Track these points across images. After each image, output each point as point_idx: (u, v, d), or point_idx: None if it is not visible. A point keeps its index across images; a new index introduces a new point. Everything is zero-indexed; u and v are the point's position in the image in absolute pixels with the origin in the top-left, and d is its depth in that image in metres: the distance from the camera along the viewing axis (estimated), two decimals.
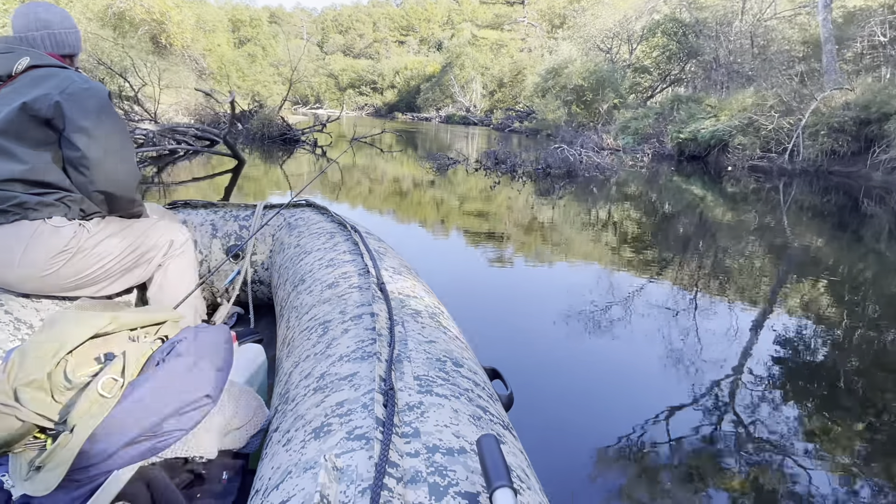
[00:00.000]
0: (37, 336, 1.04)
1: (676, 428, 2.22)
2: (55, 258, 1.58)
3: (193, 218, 2.48)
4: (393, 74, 47.72)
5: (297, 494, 0.79)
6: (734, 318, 3.39)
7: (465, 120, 33.43)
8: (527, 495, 0.85)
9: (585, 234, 5.82)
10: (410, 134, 23.04)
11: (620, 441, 2.12)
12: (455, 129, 27.94)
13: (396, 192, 8.58)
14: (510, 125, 26.74)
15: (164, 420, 0.91)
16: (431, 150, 14.17)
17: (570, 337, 3.04)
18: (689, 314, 3.45)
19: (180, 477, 1.03)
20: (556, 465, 1.95)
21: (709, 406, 2.39)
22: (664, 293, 3.83)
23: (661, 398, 2.43)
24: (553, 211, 7.10)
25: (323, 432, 0.93)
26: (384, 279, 1.63)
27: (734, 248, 5.27)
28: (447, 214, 6.68)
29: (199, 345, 1.00)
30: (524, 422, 1.75)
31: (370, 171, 10.78)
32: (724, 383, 2.59)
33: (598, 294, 3.76)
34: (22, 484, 0.86)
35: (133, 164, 1.73)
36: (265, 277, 2.48)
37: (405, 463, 0.81)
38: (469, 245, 5.18)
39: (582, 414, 2.29)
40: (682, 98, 16.65)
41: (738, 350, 2.95)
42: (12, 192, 1.52)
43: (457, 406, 1.01)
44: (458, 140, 20.65)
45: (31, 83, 1.56)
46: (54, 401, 0.97)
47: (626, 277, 4.18)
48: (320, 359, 1.24)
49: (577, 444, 2.09)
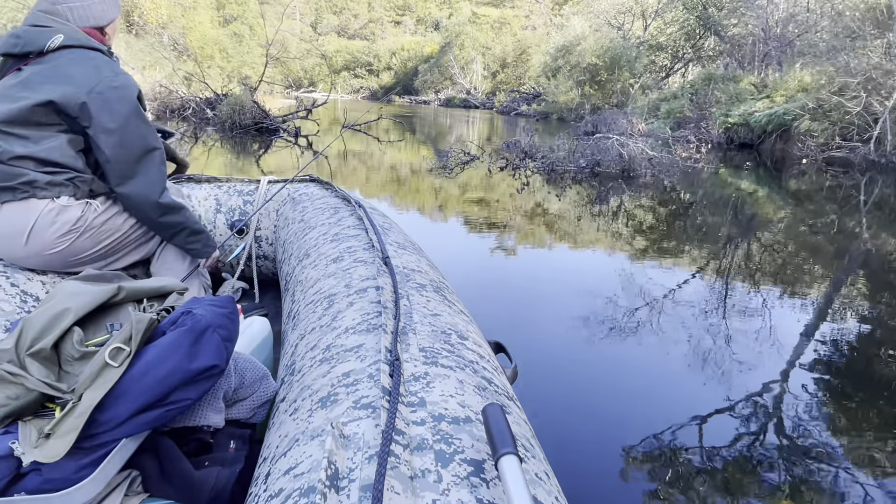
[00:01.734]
0: (43, 306, 1.04)
1: (686, 406, 2.23)
2: (63, 237, 1.58)
3: (197, 192, 2.47)
4: (389, 56, 46.01)
5: (305, 461, 0.80)
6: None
7: (466, 103, 32.26)
8: (531, 463, 0.85)
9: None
10: (408, 118, 21.07)
11: (633, 423, 2.13)
12: (455, 113, 26.33)
13: (402, 196, 6.71)
14: (516, 108, 25.60)
15: (171, 389, 0.91)
16: (436, 141, 13.04)
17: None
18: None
19: (188, 446, 1.04)
20: (559, 437, 1.97)
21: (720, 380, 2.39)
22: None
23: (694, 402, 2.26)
24: (653, 251, 4.54)
25: (329, 401, 0.94)
26: (389, 253, 1.63)
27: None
28: (473, 248, 4.52)
29: (205, 316, 1.00)
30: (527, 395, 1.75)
31: (364, 168, 8.98)
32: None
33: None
34: (32, 451, 0.87)
35: (158, 171, 1.69)
36: (269, 252, 2.48)
37: (411, 431, 0.82)
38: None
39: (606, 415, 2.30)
40: (715, 77, 14.91)
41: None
42: (23, 169, 1.51)
43: (462, 377, 1.02)
44: (458, 124, 19.11)
45: (62, 72, 1.52)
46: (62, 370, 0.98)
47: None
48: (326, 331, 1.25)
49: (584, 422, 2.11)
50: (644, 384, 2.40)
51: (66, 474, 0.87)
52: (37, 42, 1.53)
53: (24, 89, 1.51)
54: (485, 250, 4.39)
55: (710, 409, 2.21)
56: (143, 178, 1.64)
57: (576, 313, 3.11)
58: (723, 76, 14.84)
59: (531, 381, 2.23)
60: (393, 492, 0.68)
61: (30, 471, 0.88)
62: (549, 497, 0.79)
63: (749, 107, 12.40)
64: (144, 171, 1.64)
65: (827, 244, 4.93)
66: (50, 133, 1.53)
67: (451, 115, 25.31)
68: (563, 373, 2.45)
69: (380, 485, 0.67)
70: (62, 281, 1.09)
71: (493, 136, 15.10)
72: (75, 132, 1.57)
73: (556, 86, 21.58)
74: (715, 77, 14.82)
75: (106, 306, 1.06)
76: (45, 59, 1.54)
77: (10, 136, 1.50)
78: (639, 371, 2.51)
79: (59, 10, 1.59)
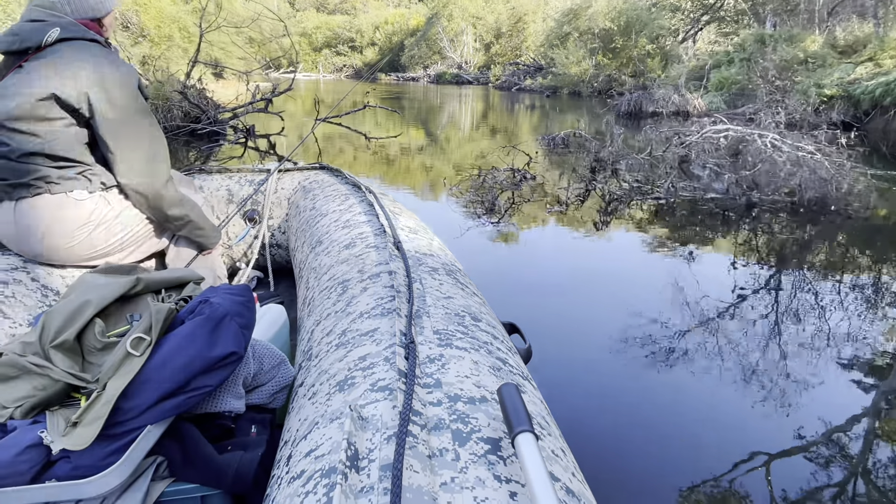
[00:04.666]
0: (65, 299, 1.06)
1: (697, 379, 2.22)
2: (78, 230, 1.60)
3: (209, 183, 2.49)
4: (372, 30, 42.43)
5: (325, 443, 0.81)
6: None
7: (458, 78, 29.70)
8: (547, 441, 0.86)
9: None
10: (396, 98, 18.24)
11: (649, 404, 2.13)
12: (450, 91, 23.50)
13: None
14: (518, 83, 22.84)
15: (192, 376, 0.93)
16: (446, 136, 10.08)
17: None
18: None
19: (211, 431, 1.06)
20: (574, 416, 1.98)
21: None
22: None
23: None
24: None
25: (347, 385, 0.95)
26: (400, 238, 1.64)
27: None
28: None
29: (222, 304, 1.02)
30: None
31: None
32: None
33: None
34: (60, 440, 0.89)
35: (161, 162, 1.70)
36: (282, 241, 2.50)
37: (428, 411, 0.83)
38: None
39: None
40: (764, 38, 12.08)
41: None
42: (34, 165, 1.53)
43: (476, 358, 1.03)
44: (460, 107, 16.70)
45: (61, 65, 1.53)
46: (85, 361, 1.00)
47: None
48: (341, 316, 1.26)
49: (603, 403, 2.11)
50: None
51: (94, 461, 0.89)
52: (34, 37, 1.54)
53: (26, 85, 1.52)
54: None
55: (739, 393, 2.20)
56: (147, 168, 1.65)
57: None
58: (777, 36, 12.00)
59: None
60: (412, 470, 0.70)
61: (59, 458, 0.90)
62: (565, 473, 0.80)
63: (843, 73, 9.50)
64: (148, 161, 1.65)
65: None
66: (56, 128, 1.55)
67: (446, 93, 22.18)
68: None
69: (399, 464, 0.68)
70: (81, 274, 1.11)
71: (511, 124, 12.31)
72: (80, 125, 1.58)
73: (565, 55, 19.00)
74: (763, 38, 12.05)
75: (125, 298, 1.09)
76: (43, 53, 1.55)
77: (17, 132, 1.52)
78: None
79: (56, 3, 1.59)
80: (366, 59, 41.40)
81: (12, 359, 0.95)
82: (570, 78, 18.81)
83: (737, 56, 12.40)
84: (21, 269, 1.60)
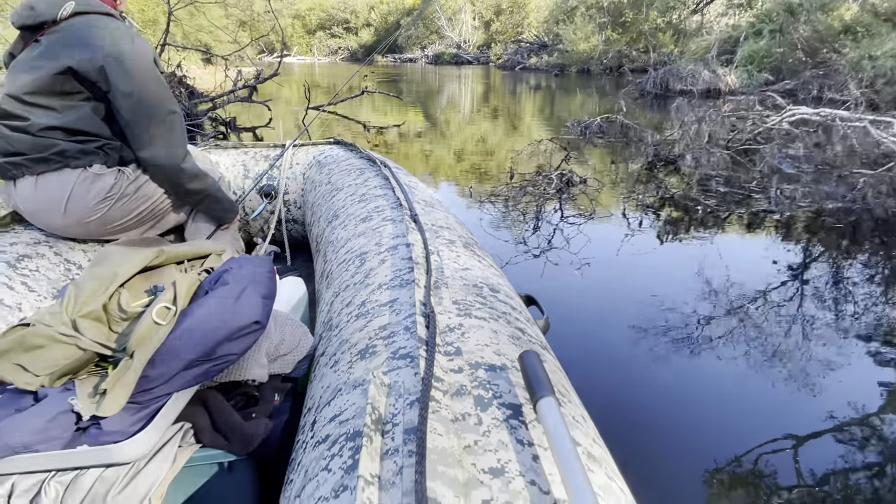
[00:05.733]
0: (89, 271, 1.08)
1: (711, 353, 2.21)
2: (99, 205, 1.62)
3: (224, 159, 2.50)
4: (367, 10, 40.64)
5: (349, 408, 0.83)
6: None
7: (457, 58, 28.46)
8: (568, 407, 0.87)
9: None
10: (394, 81, 16.77)
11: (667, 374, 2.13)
12: (447, 71, 22.05)
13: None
14: (522, 62, 21.79)
15: (217, 345, 0.95)
16: (455, 121, 8.83)
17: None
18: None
19: (236, 399, 1.08)
20: (592, 384, 1.99)
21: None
22: None
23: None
24: None
25: (368, 353, 0.96)
26: (417, 211, 1.64)
27: None
28: None
29: (244, 274, 1.03)
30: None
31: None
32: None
33: None
34: (90, 407, 0.91)
35: (179, 136, 1.70)
36: (298, 216, 2.51)
37: (449, 378, 0.84)
38: None
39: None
40: (792, 7, 10.74)
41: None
42: (53, 139, 1.55)
43: (496, 327, 1.03)
44: (461, 88, 15.43)
45: (77, 38, 1.54)
46: (111, 331, 1.02)
47: None
48: (360, 288, 1.27)
49: (622, 375, 2.12)
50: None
51: (123, 427, 0.92)
52: (50, 11, 1.54)
53: (43, 59, 1.53)
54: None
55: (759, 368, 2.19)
56: (164, 142, 1.65)
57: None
58: (809, 5, 10.63)
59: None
60: (436, 433, 0.71)
61: (89, 425, 0.93)
62: (586, 438, 0.81)
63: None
64: (165, 135, 1.65)
65: None
66: (74, 102, 1.56)
67: (447, 74, 20.89)
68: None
69: (423, 426, 0.70)
70: (104, 246, 1.12)
71: (525, 108, 10.89)
72: (97, 99, 1.58)
73: (573, 31, 18.09)
74: (792, 6, 10.72)
75: (149, 269, 1.10)
76: (59, 27, 1.56)
77: (36, 107, 1.53)
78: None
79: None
80: (361, 41, 39.99)
81: (41, 329, 0.97)
82: (578, 55, 17.91)
83: (764, 27, 11.34)
84: (44, 244, 1.62)
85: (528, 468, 0.68)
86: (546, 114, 10.00)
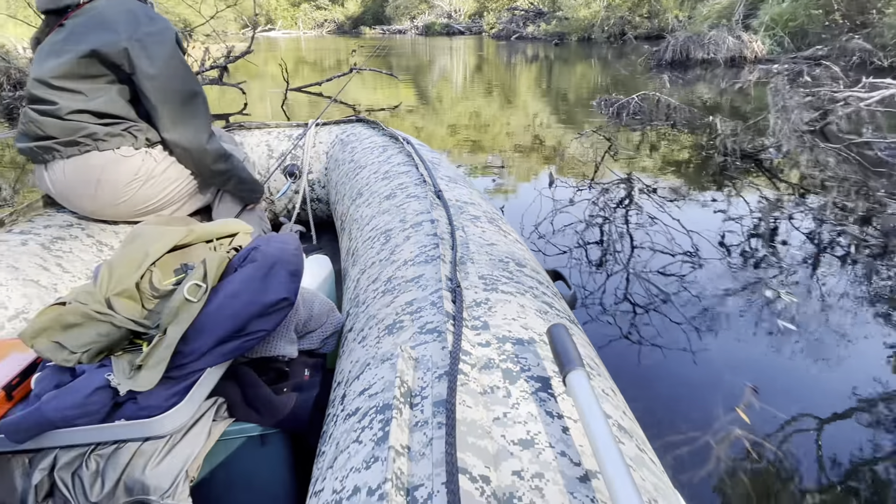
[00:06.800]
0: (121, 250, 1.10)
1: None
2: (127, 186, 1.64)
3: (249, 139, 2.52)
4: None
5: (378, 382, 0.84)
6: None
7: (449, 29, 26.97)
8: (597, 381, 0.87)
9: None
10: (384, 56, 15.47)
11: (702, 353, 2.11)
12: (440, 43, 20.69)
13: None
14: (518, 31, 20.52)
15: (247, 321, 0.96)
16: (472, 104, 7.64)
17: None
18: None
19: (267, 375, 1.10)
20: (620, 357, 1.99)
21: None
22: None
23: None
24: None
25: (396, 328, 0.97)
26: (441, 187, 1.63)
27: None
28: None
29: (272, 252, 1.04)
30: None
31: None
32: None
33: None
34: (126, 382, 0.94)
35: (203, 117, 1.71)
36: (322, 195, 2.52)
37: (477, 352, 0.84)
38: None
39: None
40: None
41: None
42: (81, 122, 1.57)
43: (523, 302, 1.03)
44: (446, 55, 14.65)
45: (100, 21, 1.55)
46: (144, 308, 1.04)
47: None
48: (385, 265, 1.28)
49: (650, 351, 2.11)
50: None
51: (159, 402, 0.94)
52: None
53: (68, 42, 1.54)
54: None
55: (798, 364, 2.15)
56: (189, 123, 1.67)
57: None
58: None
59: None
60: (465, 405, 0.71)
61: (126, 400, 0.95)
62: (616, 411, 0.81)
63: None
64: (190, 116, 1.67)
65: None
66: (100, 84, 1.57)
67: (440, 46, 19.44)
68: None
69: (452, 398, 0.70)
70: (135, 226, 1.14)
71: (536, 84, 9.86)
72: (123, 81, 1.60)
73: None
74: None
75: (179, 248, 1.12)
76: (83, 10, 1.57)
77: (63, 91, 1.55)
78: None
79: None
80: (348, 13, 38.17)
81: (77, 307, 0.99)
82: (578, 23, 16.68)
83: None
84: (76, 226, 1.66)
85: (557, 440, 0.68)
86: (557, 90, 9.02)
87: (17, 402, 0.98)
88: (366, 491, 0.65)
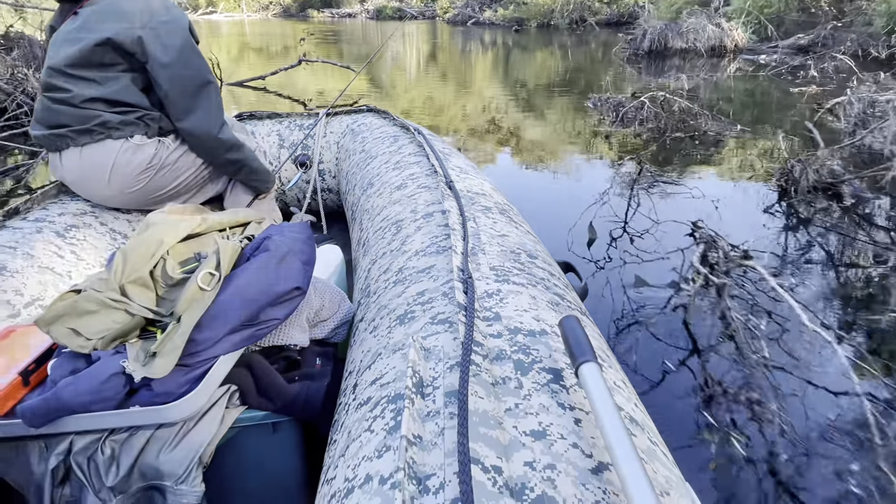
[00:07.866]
0: (135, 238, 1.11)
1: None
2: (141, 175, 1.65)
3: (260, 129, 2.52)
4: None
5: (389, 372, 0.84)
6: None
7: (400, 13, 25.93)
8: (609, 373, 0.87)
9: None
10: (334, 43, 14.33)
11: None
12: (390, 28, 19.42)
13: None
14: (474, 16, 19.65)
15: (260, 310, 0.97)
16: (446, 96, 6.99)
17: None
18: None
19: (279, 363, 1.11)
20: (631, 349, 1.98)
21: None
22: None
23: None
24: None
25: (407, 319, 0.97)
26: (452, 178, 1.63)
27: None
28: None
29: (284, 241, 1.05)
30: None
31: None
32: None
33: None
34: (141, 369, 0.95)
35: (215, 106, 1.72)
36: (333, 185, 2.53)
37: (489, 343, 0.84)
38: None
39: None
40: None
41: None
42: (95, 110, 1.58)
43: (534, 293, 1.03)
44: (401, 42, 13.72)
45: (114, 10, 1.56)
46: (158, 296, 1.05)
47: None
48: (396, 255, 1.28)
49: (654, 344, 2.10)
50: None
51: (173, 388, 0.95)
52: None
53: (82, 31, 1.55)
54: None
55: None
56: (202, 112, 1.67)
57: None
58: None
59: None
60: (477, 396, 0.71)
61: (140, 386, 0.96)
62: (628, 403, 0.81)
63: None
64: (202, 105, 1.67)
65: None
66: (114, 73, 1.58)
67: (390, 31, 17.77)
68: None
69: (464, 389, 0.70)
70: (149, 214, 1.15)
71: (505, 75, 9.21)
72: (137, 70, 1.61)
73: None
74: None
75: (192, 236, 1.12)
76: (95, 1, 1.58)
77: (78, 79, 1.56)
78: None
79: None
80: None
81: (92, 294, 1.00)
82: (538, 7, 15.83)
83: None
84: (90, 214, 1.67)
85: (570, 431, 0.68)
86: (533, 82, 8.14)
87: (34, 388, 0.99)
88: (378, 479, 0.65)
